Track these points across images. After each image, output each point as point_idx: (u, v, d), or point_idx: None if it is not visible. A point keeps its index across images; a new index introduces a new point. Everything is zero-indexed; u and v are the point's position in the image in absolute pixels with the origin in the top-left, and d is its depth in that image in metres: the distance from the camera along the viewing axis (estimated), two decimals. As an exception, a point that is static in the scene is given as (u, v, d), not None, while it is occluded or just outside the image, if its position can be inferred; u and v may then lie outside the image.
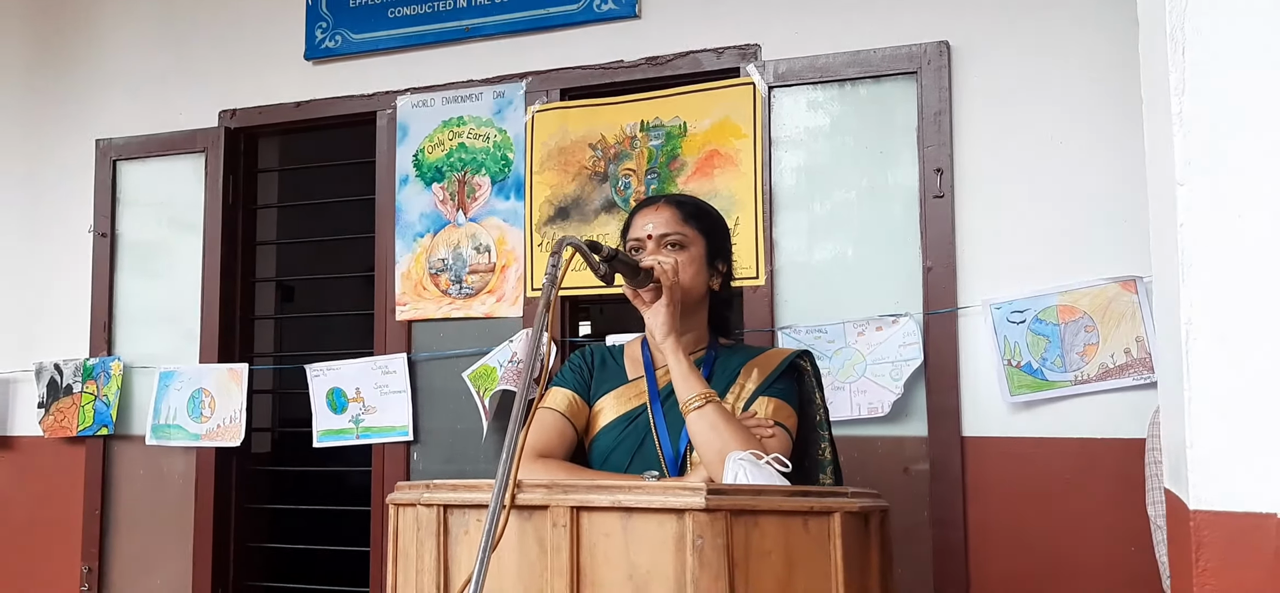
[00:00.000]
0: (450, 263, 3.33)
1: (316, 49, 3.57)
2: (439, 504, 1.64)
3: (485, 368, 3.16)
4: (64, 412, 3.77)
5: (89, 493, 3.74)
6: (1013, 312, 2.76)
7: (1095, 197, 2.74)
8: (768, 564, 1.52)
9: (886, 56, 2.92)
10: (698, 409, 1.86)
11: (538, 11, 3.29)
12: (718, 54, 3.11)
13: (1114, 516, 2.63)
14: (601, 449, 2.03)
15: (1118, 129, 2.72)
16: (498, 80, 3.34)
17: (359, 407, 3.38)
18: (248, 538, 3.69)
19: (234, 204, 3.70)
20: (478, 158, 3.33)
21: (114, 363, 3.71)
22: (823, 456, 2.08)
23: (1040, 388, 2.72)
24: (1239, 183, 1.30)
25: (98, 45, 3.94)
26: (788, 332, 2.92)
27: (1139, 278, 2.65)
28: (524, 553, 1.55)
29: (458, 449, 3.29)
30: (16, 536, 3.85)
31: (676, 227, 2.05)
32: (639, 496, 1.52)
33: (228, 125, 3.68)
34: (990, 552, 2.75)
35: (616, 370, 2.12)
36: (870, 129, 2.95)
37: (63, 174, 3.92)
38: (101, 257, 3.81)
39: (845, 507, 1.60)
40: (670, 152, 3.10)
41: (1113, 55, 2.73)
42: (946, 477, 2.78)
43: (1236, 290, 1.27)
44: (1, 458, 3.91)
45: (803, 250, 2.98)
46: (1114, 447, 2.65)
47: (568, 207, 3.19)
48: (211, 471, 3.59)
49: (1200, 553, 1.15)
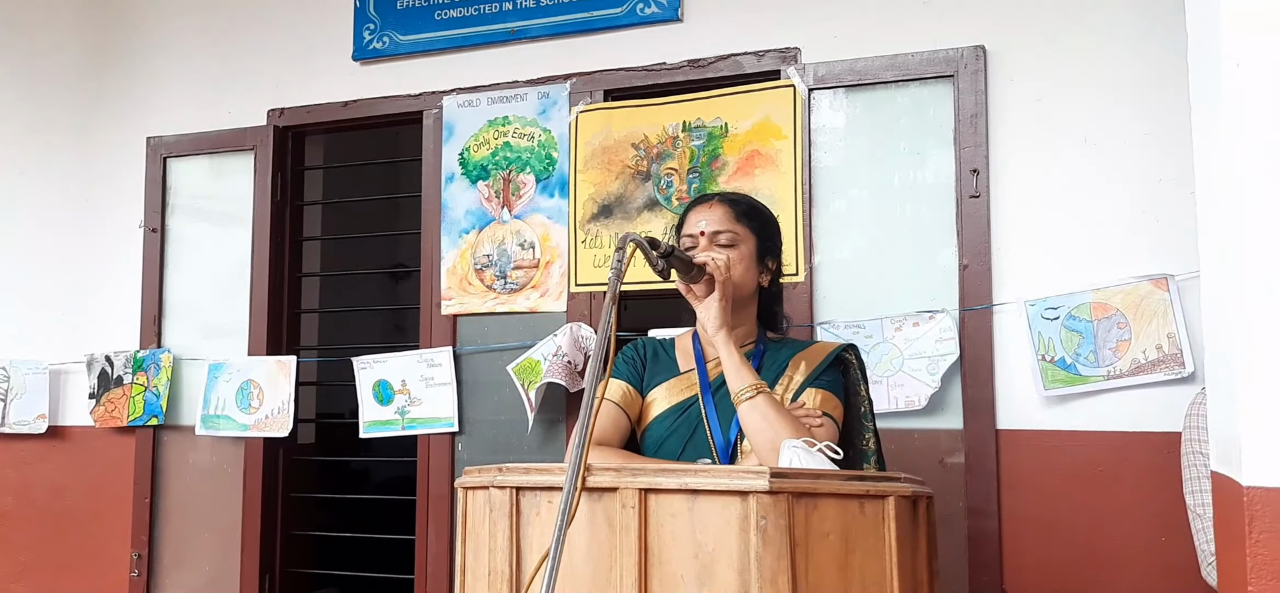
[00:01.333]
0: (495, 259, 3.42)
1: (364, 50, 3.67)
2: (512, 487, 1.71)
3: (530, 361, 3.25)
4: (115, 402, 3.87)
5: (139, 482, 3.85)
6: (1047, 308, 2.83)
7: (1127, 197, 2.81)
8: (826, 544, 1.60)
9: (924, 60, 3.00)
10: (749, 399, 1.93)
11: (582, 14, 3.38)
12: (758, 57, 3.19)
13: (1146, 507, 2.71)
14: (654, 438, 2.11)
15: (1151, 130, 2.79)
16: (542, 81, 3.43)
17: (405, 399, 3.47)
18: (293, 526, 3.79)
19: (282, 201, 3.80)
20: (522, 156, 3.42)
21: (164, 354, 3.81)
22: (867, 446, 2.16)
23: (1074, 383, 2.79)
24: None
25: (149, 46, 4.04)
26: (826, 327, 3.00)
27: (1171, 276, 2.72)
28: (594, 533, 1.63)
29: (502, 440, 3.38)
30: (68, 523, 3.97)
31: (729, 224, 2.12)
32: (705, 479, 1.59)
33: (276, 124, 3.78)
34: (1024, 541, 2.83)
35: (668, 363, 2.20)
36: (907, 131, 3.03)
37: (114, 171, 4.03)
38: (151, 251, 3.92)
39: (899, 491, 1.68)
40: (712, 151, 3.18)
41: (1145, 60, 2.80)
42: (982, 468, 2.86)
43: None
44: (54, 447, 4.02)
45: (841, 248, 3.06)
46: (1146, 440, 2.72)
47: (611, 205, 3.28)
48: (259, 460, 3.69)
49: (1253, 527, 1.23)
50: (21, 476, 4.04)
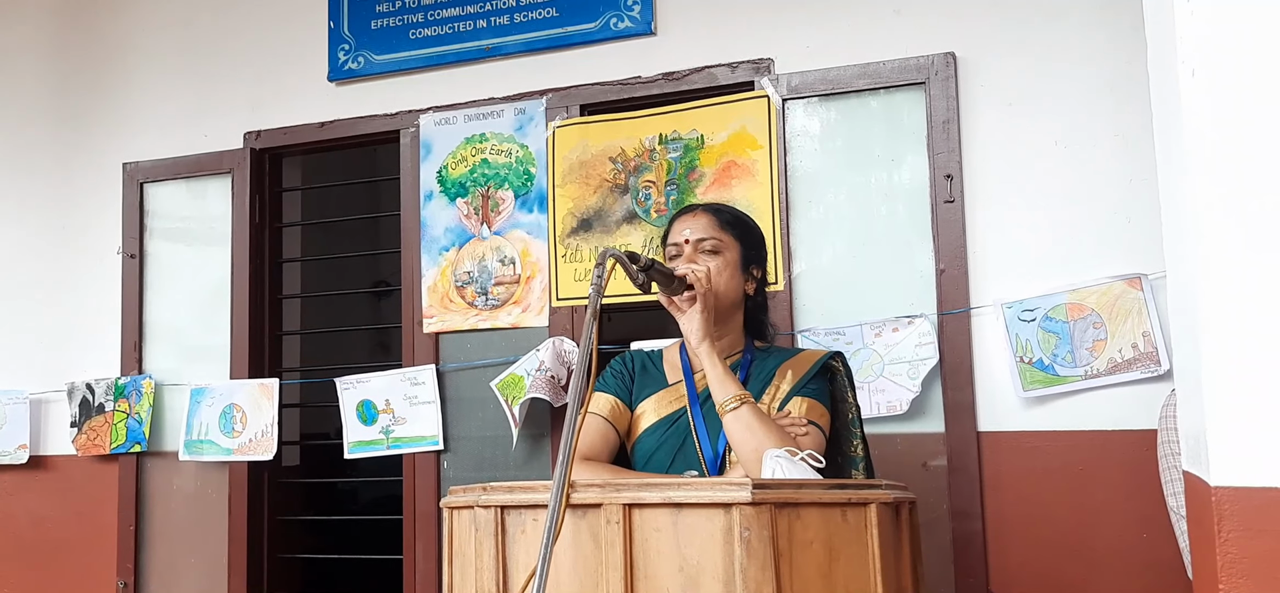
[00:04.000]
0: (476, 275, 3.43)
1: (340, 70, 3.67)
2: (497, 506, 1.71)
3: (513, 377, 3.26)
4: (97, 430, 3.85)
5: (123, 509, 3.82)
6: (1024, 310, 2.86)
7: (1100, 198, 2.84)
8: (810, 553, 1.62)
9: (895, 68, 3.03)
10: (733, 410, 1.95)
11: (556, 30, 3.40)
12: (732, 68, 3.22)
13: (1126, 504, 2.74)
14: (644, 451, 2.13)
15: (1120, 132, 2.83)
16: (519, 97, 3.44)
17: (389, 418, 3.47)
18: (280, 550, 3.78)
19: (260, 223, 3.79)
20: (500, 173, 3.43)
21: (145, 381, 3.80)
22: (855, 452, 2.17)
23: (1052, 383, 2.82)
24: (1250, 173, 1.39)
25: (124, 72, 4.03)
26: (807, 334, 3.02)
27: (1144, 275, 2.76)
28: (579, 549, 1.64)
29: (487, 457, 3.39)
30: (52, 553, 3.94)
31: (713, 232, 2.14)
32: (688, 492, 1.61)
33: (253, 147, 3.78)
34: (1008, 542, 2.85)
35: (656, 375, 2.21)
36: (881, 138, 3.06)
37: (91, 197, 4.01)
38: (130, 277, 3.90)
39: (880, 498, 1.70)
40: (689, 163, 3.20)
41: (1113, 62, 2.85)
42: (964, 471, 2.89)
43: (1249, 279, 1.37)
44: (36, 478, 3.99)
45: (820, 256, 3.08)
46: (1124, 438, 2.76)
47: (590, 218, 3.30)
48: (244, 484, 3.67)
49: (1222, 526, 1.26)
50: (3, 507, 4.01)
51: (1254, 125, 1.38)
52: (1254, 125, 1.38)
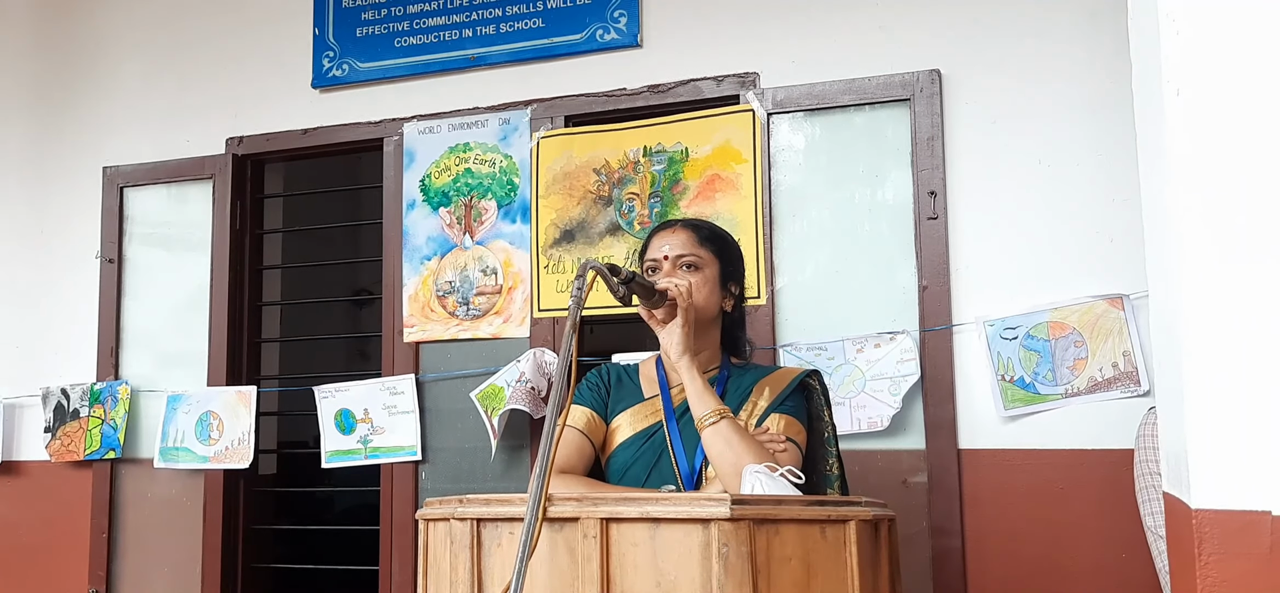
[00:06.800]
0: (457, 285, 3.41)
1: (324, 77, 3.65)
2: (473, 519, 1.69)
3: (493, 388, 3.24)
4: (71, 436, 3.81)
5: (96, 516, 3.78)
6: (1005, 328, 2.86)
7: (1082, 217, 2.85)
8: (788, 570, 1.60)
9: (880, 84, 3.03)
10: (713, 425, 1.93)
11: (542, 41, 3.39)
12: (717, 82, 3.21)
13: (1105, 522, 2.74)
14: (619, 465, 2.11)
15: (1103, 152, 2.84)
16: (503, 107, 3.43)
17: (367, 428, 3.45)
18: (254, 559, 3.74)
19: (241, 229, 3.76)
20: (484, 183, 3.42)
21: (121, 387, 3.76)
22: (830, 470, 2.16)
23: (1033, 401, 2.82)
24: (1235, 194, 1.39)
25: (105, 74, 4.00)
26: (788, 349, 3.02)
27: (1125, 295, 2.76)
28: (555, 563, 1.62)
29: (465, 468, 3.36)
30: (23, 560, 3.89)
31: (692, 248, 2.13)
32: (666, 507, 1.59)
33: (235, 153, 3.75)
34: (987, 559, 2.85)
35: (632, 388, 2.19)
36: (865, 154, 3.06)
37: (70, 201, 3.97)
38: (108, 282, 3.87)
39: (859, 515, 1.69)
40: (672, 176, 3.20)
41: (1097, 82, 2.86)
42: (944, 488, 2.88)
43: (1232, 301, 1.37)
44: (8, 483, 3.94)
45: (802, 270, 3.08)
46: (1104, 457, 2.76)
47: (573, 230, 3.28)
48: (219, 492, 3.64)
49: (1202, 549, 1.25)
50: (-25, 513, 3.97)
51: (1239, 145, 1.38)
52: (1239, 145, 1.38)
